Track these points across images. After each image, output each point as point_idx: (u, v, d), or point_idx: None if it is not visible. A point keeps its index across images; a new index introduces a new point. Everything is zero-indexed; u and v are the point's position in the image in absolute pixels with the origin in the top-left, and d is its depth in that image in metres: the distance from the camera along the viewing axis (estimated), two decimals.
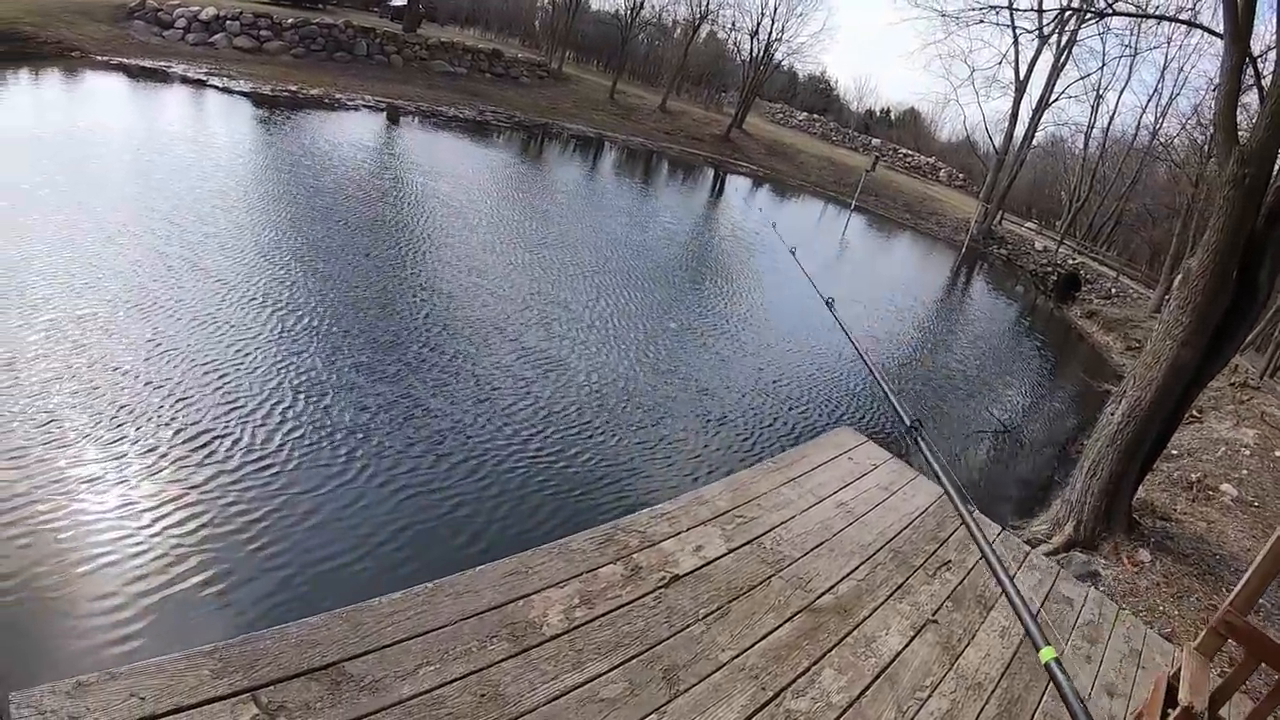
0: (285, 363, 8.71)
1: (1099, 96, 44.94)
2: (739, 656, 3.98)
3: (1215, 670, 4.93)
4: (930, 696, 4.20)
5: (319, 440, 7.47)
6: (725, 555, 4.75)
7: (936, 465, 2.75)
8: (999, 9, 25.93)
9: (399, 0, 37.16)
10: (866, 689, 4.08)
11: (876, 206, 40.52)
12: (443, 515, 6.97)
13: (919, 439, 2.72)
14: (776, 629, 4.28)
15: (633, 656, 3.74)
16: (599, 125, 37.32)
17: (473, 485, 7.53)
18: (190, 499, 6.22)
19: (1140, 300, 33.33)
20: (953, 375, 17.62)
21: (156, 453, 6.68)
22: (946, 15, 41.94)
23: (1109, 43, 53.75)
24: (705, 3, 46.16)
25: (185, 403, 7.44)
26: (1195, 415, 17.56)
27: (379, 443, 7.75)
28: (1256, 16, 9.12)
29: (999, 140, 41.85)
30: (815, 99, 74.85)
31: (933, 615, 4.90)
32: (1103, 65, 46.91)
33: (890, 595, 4.96)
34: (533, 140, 31.03)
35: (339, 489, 6.88)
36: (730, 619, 4.23)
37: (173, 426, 7.05)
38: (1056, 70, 40.32)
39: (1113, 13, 19.61)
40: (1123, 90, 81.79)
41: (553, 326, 11.96)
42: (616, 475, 8.56)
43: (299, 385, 8.34)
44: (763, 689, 3.82)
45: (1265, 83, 9.91)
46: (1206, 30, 14.61)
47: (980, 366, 19.63)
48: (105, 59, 22.02)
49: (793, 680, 3.95)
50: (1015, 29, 37.53)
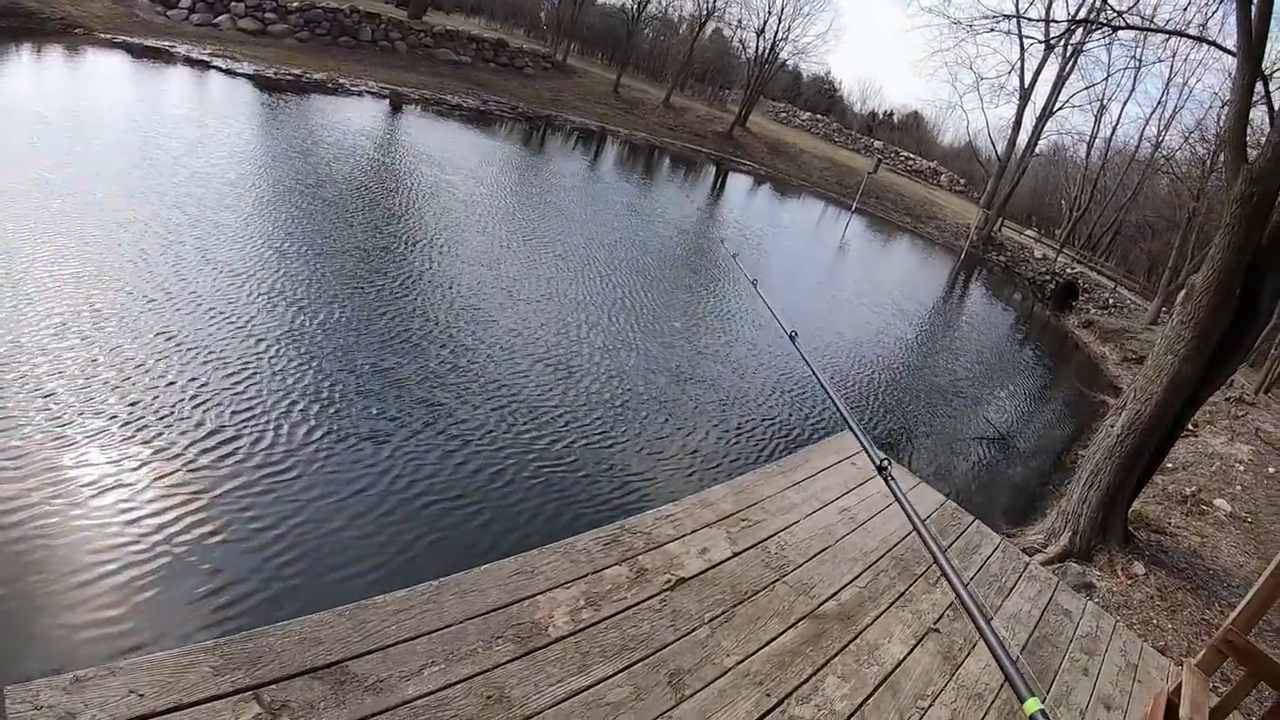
0: (293, 353, 8.62)
1: (1102, 107, 45.15)
2: (744, 661, 3.98)
3: (1212, 687, 4.97)
4: (931, 705, 4.20)
5: (327, 436, 7.41)
6: (730, 559, 4.74)
7: (908, 506, 2.74)
8: (1009, 18, 26.02)
9: None
10: (869, 697, 4.08)
11: (877, 209, 40.56)
12: (450, 512, 6.94)
13: (889, 479, 2.74)
14: (781, 635, 4.28)
15: (638, 660, 3.73)
16: (602, 118, 37.24)
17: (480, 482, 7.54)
18: (192, 491, 6.19)
19: (1138, 311, 33.44)
20: (949, 381, 17.65)
21: (156, 442, 6.64)
22: (958, 23, 41.93)
23: (1115, 53, 54.03)
24: (712, 0, 46.16)
25: (190, 395, 7.36)
26: (1190, 430, 17.62)
27: (387, 437, 7.71)
28: (1270, 35, 9.12)
29: (1001, 147, 41.99)
30: (819, 99, 74.83)
31: (934, 624, 4.91)
32: (1108, 76, 47.44)
33: (892, 603, 4.96)
34: (535, 132, 30.95)
35: (340, 484, 6.83)
36: (735, 623, 4.22)
37: (177, 418, 6.99)
38: (1061, 79, 40.44)
39: (1124, 25, 19.52)
40: (1126, 101, 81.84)
41: (555, 324, 11.95)
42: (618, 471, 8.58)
43: (303, 376, 8.26)
44: (767, 695, 3.82)
45: (1276, 102, 9.90)
46: (1216, 46, 14.59)
47: (977, 373, 19.69)
48: (109, 37, 21.88)
49: (797, 687, 3.95)
50: (1023, 38, 37.63)
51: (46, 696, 2.57)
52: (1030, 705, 1.74)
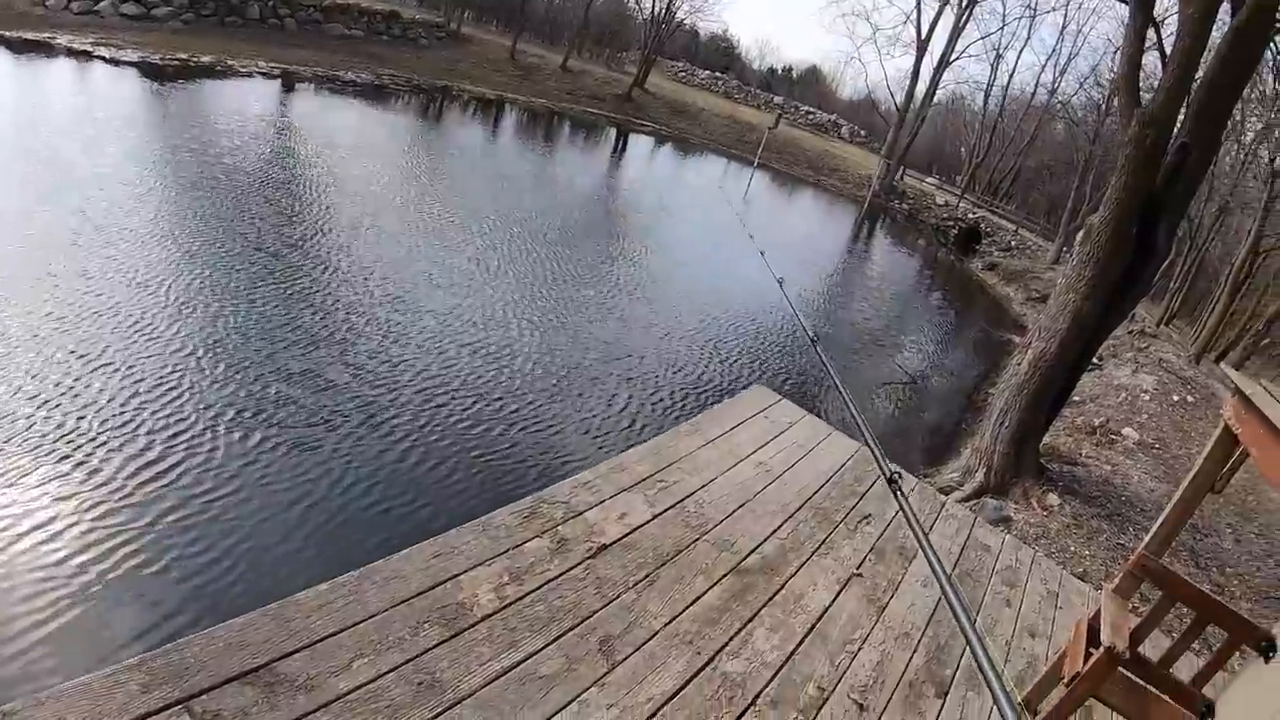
0: (211, 359, 8.15)
1: (999, 56, 46.08)
2: (672, 622, 3.98)
3: (1132, 610, 5.14)
4: (861, 648, 4.27)
5: (250, 437, 7.09)
6: (650, 521, 4.74)
7: (914, 521, 2.73)
8: None
9: None
10: (799, 645, 4.13)
11: (779, 163, 40.79)
12: (360, 497, 6.80)
13: (898, 493, 2.70)
14: (706, 592, 4.29)
15: (567, 630, 3.70)
16: (499, 87, 36.60)
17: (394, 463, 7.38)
18: (111, 508, 5.90)
19: (1039, 252, 34.32)
20: (860, 329, 17.92)
21: (80, 465, 6.31)
22: None
23: (1009, 2, 54.89)
24: None
25: (77, 397, 7.02)
26: (1096, 363, 18.18)
27: (310, 435, 7.45)
28: None
29: (900, 98, 42.37)
30: (717, 57, 74.73)
31: (857, 569, 4.98)
32: (1003, 25, 48.36)
33: (814, 552, 5.02)
34: (433, 104, 30.26)
35: (241, 477, 6.58)
36: (660, 585, 4.22)
37: (97, 437, 6.59)
38: (958, 29, 40.99)
39: None
40: (1022, 49, 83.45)
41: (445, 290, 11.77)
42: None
43: (224, 381, 7.85)
44: (698, 653, 3.83)
45: (1167, 47, 10.17)
46: None
47: (886, 321, 19.99)
48: None
49: (726, 642, 3.97)
50: None
51: None
52: None
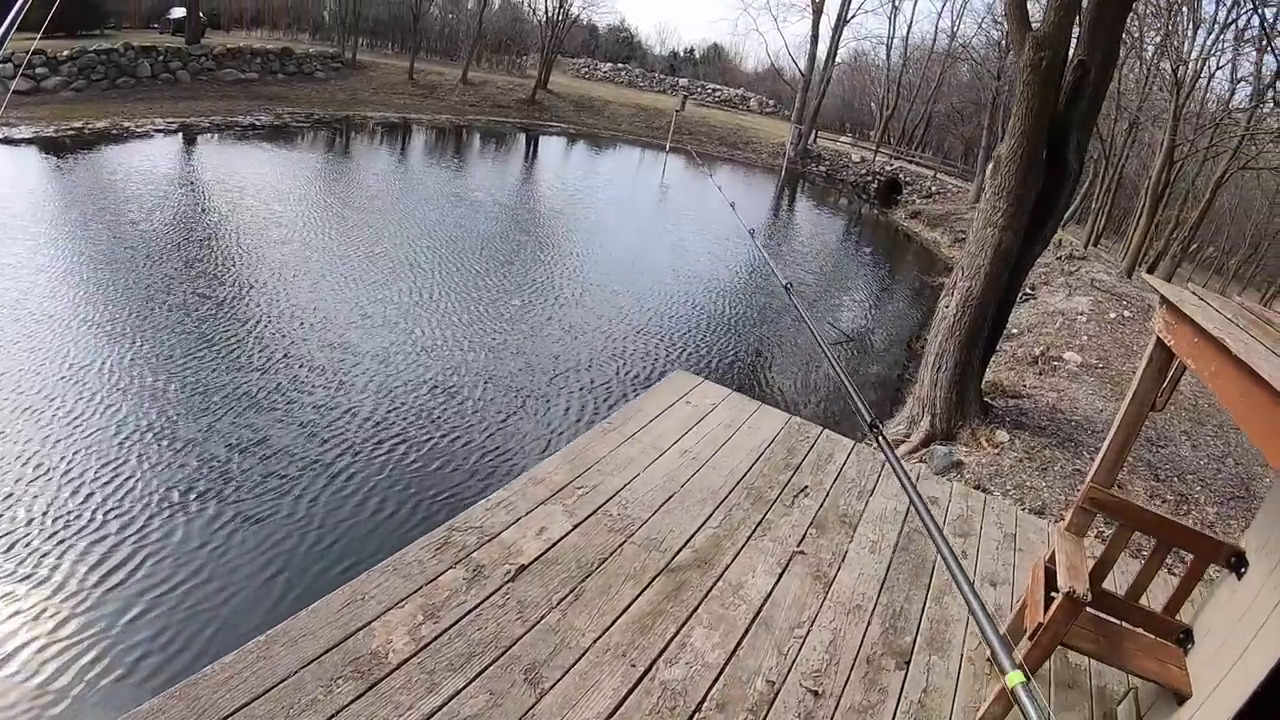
0: (141, 440, 7.63)
1: (895, 7, 46.23)
2: (602, 637, 3.66)
3: (1092, 542, 4.90)
4: (810, 631, 3.97)
5: (166, 516, 6.61)
6: (571, 532, 4.38)
7: (900, 471, 2.43)
8: None
9: (178, 12, 34.80)
10: (742, 639, 3.83)
11: (692, 144, 40.60)
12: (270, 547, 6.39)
13: (879, 438, 2.46)
14: (636, 598, 3.96)
15: (489, 664, 3.38)
16: (402, 109, 35.99)
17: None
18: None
19: (960, 194, 34.49)
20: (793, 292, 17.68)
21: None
22: None
23: None
24: None
25: (17, 502, 6.52)
26: (1029, 293, 18.19)
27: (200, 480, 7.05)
28: None
29: (803, 63, 42.43)
30: (618, 48, 74.37)
31: (798, 546, 4.68)
32: None
33: (750, 535, 4.71)
34: (337, 136, 29.52)
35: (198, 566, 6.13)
36: (586, 599, 3.88)
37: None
38: None
39: None
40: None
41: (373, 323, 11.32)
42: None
43: (156, 462, 7.37)
44: (632, 666, 3.52)
45: None
46: None
47: (817, 283, 19.90)
48: None
49: (663, 649, 3.66)
50: None
51: None
52: (1013, 678, 1.45)
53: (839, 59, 45.83)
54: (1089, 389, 11.57)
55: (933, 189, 36.33)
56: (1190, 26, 24.76)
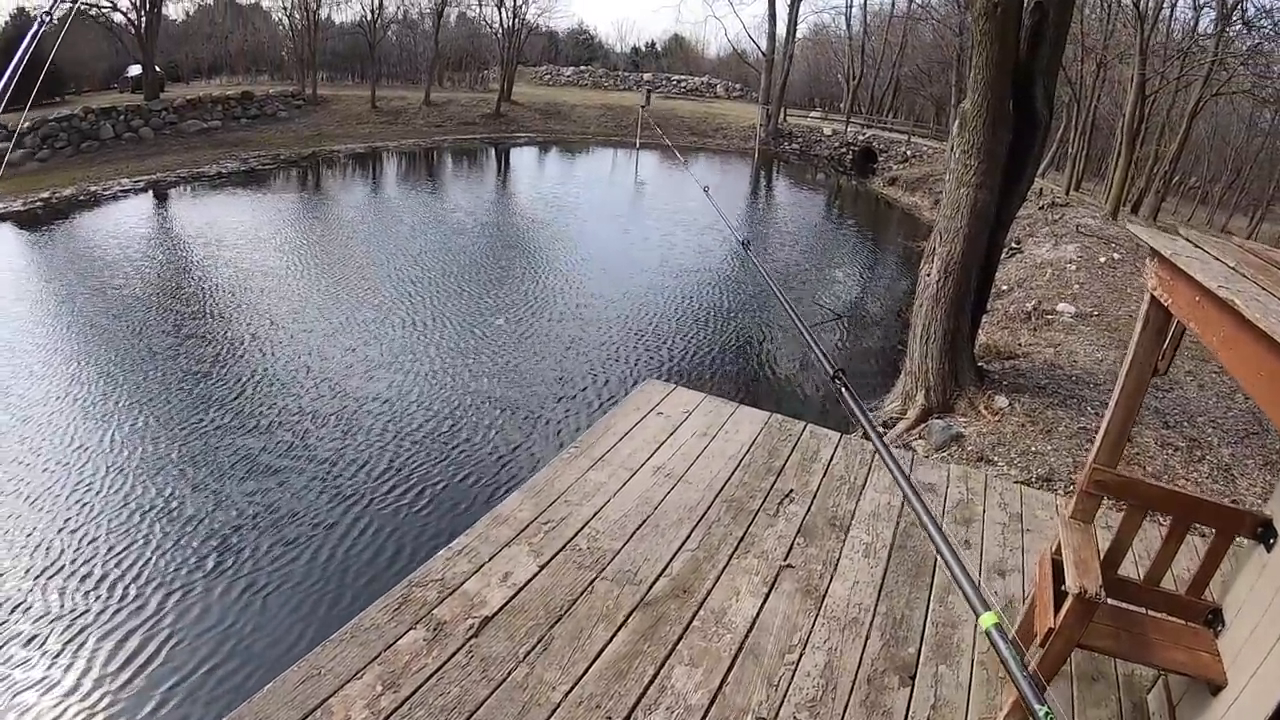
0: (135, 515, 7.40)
1: None
2: (574, 689, 3.32)
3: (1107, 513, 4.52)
4: (803, 655, 3.62)
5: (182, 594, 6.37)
6: (537, 575, 4.02)
7: (863, 419, 2.16)
8: None
9: (135, 70, 34.58)
10: (728, 674, 3.49)
11: (662, 139, 40.41)
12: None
13: (842, 389, 2.20)
14: (610, 641, 3.61)
15: None
16: (368, 139, 35.72)
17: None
18: None
19: (935, 156, 34.08)
20: (778, 276, 17.43)
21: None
22: None
23: None
24: None
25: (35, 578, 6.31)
26: (1014, 247, 17.82)
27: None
28: None
29: (764, 43, 42.17)
30: (579, 51, 74.08)
31: (784, 560, 4.31)
32: None
33: (732, 554, 4.35)
34: (307, 174, 29.16)
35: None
36: (555, 648, 3.52)
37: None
38: None
39: None
40: None
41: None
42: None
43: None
44: (608, 718, 3.18)
45: None
46: None
47: (801, 260, 19.64)
48: None
49: (640, 695, 3.32)
50: None
51: None
52: (987, 619, 1.53)
53: (799, 34, 45.56)
54: (1086, 339, 11.21)
55: (908, 153, 36.05)
56: None
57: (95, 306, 13.10)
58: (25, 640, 5.75)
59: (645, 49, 77.90)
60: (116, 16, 33.83)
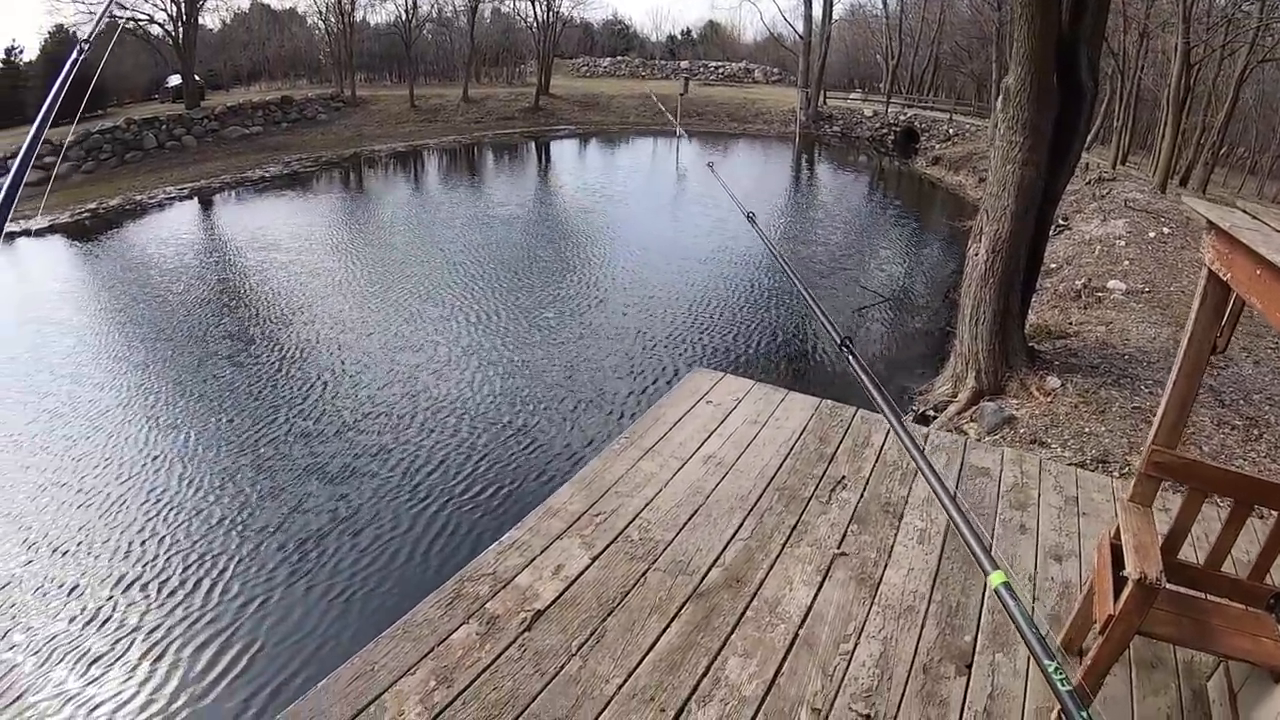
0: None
1: None
2: (627, 681, 3.32)
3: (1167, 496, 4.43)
4: (858, 644, 3.59)
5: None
6: (590, 567, 4.04)
7: (868, 384, 2.20)
8: None
9: (174, 79, 35.09)
10: (782, 664, 3.47)
11: (701, 125, 40.24)
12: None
13: (850, 356, 2.21)
14: (663, 632, 3.62)
15: None
16: (408, 137, 36.00)
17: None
18: None
19: (979, 133, 33.69)
20: (824, 258, 17.45)
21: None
22: None
23: None
24: None
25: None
26: (1062, 223, 17.54)
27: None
28: None
29: (801, 26, 41.83)
30: (615, 42, 73.99)
31: (838, 548, 4.29)
32: None
33: (785, 543, 4.32)
34: (350, 174, 29.45)
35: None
36: (608, 641, 3.54)
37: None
38: None
39: None
40: None
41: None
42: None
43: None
44: (662, 710, 3.19)
45: None
46: None
47: (847, 243, 19.58)
48: None
49: (695, 686, 3.32)
50: None
51: None
52: (995, 578, 1.55)
53: (836, 15, 45.18)
54: (1138, 316, 11.01)
55: (950, 132, 35.61)
56: None
57: (158, 314, 13.32)
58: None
59: (681, 36, 77.71)
60: (154, 29, 34.43)
